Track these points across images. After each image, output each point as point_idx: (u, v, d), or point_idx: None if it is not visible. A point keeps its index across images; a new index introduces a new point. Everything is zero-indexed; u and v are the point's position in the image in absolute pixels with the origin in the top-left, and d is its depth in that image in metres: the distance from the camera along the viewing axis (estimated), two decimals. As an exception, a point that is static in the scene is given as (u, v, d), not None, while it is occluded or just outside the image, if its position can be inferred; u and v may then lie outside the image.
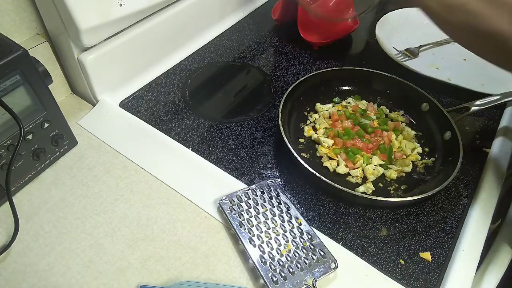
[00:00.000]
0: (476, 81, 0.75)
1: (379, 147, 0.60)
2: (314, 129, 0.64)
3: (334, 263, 0.46)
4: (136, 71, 0.71)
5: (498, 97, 0.64)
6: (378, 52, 0.82)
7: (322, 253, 0.46)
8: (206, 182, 0.56)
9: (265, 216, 0.50)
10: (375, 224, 0.53)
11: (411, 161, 0.60)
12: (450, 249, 0.51)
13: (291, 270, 0.45)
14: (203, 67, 0.77)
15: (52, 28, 0.60)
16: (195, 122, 0.66)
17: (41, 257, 0.47)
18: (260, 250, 0.46)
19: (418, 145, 0.62)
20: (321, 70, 0.69)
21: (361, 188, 0.56)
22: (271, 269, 0.45)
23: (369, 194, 0.55)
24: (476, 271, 0.48)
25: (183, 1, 0.73)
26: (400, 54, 0.82)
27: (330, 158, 0.60)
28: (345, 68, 0.70)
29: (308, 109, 0.67)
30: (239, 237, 0.47)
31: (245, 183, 0.56)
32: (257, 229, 0.48)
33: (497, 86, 0.74)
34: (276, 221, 0.49)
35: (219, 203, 0.51)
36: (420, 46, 0.84)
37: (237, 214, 0.50)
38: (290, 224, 0.49)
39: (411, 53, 0.82)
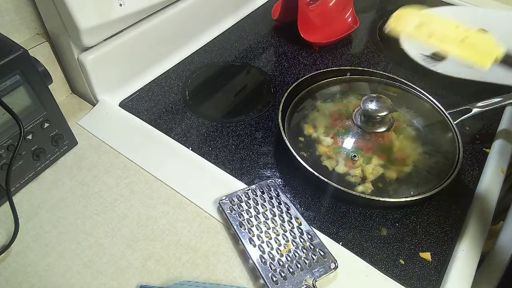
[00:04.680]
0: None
1: (379, 147, 0.60)
2: (314, 127, 0.64)
3: (334, 263, 0.46)
4: (136, 71, 0.71)
5: (499, 99, 0.64)
6: (378, 52, 0.82)
7: (322, 253, 0.46)
8: (206, 182, 0.56)
9: (265, 216, 0.50)
10: (375, 224, 0.53)
11: (412, 161, 0.60)
12: (450, 249, 0.51)
13: (291, 270, 0.45)
14: (203, 67, 0.77)
15: (52, 28, 0.60)
16: (195, 122, 0.66)
17: (41, 257, 0.47)
18: (260, 250, 0.46)
19: (419, 145, 0.62)
20: (321, 70, 0.68)
21: (360, 188, 0.56)
22: (271, 269, 0.45)
23: (367, 194, 0.54)
24: (476, 271, 0.48)
25: (183, 1, 0.73)
26: (427, 58, 0.78)
27: (329, 157, 0.60)
28: (345, 68, 0.70)
29: (309, 107, 0.67)
30: (239, 237, 0.47)
31: (245, 183, 0.56)
32: (257, 229, 0.48)
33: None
34: (276, 221, 0.49)
35: (219, 203, 0.51)
36: None
37: (237, 214, 0.50)
38: (290, 224, 0.49)
39: (438, 56, 0.79)
